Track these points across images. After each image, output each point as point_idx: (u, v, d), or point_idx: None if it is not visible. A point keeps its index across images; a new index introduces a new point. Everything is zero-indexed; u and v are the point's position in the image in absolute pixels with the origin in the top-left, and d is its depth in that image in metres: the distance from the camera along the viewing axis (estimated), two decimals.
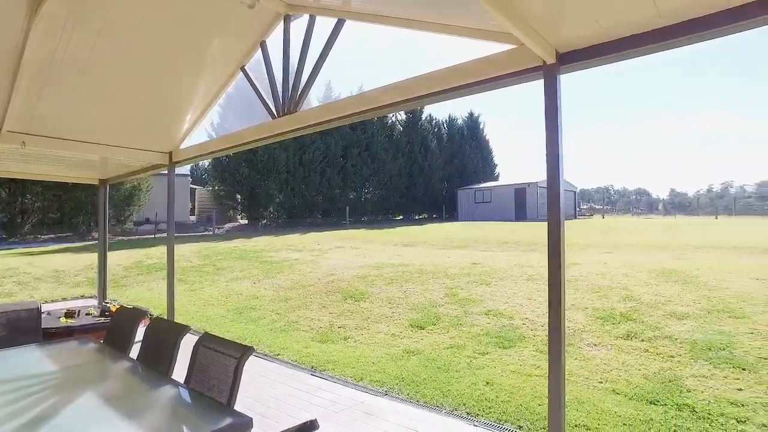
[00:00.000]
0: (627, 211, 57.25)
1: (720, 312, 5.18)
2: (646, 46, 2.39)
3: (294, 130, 4.33)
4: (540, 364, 4.44)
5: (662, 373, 4.05)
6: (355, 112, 3.70)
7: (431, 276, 8.34)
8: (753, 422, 3.25)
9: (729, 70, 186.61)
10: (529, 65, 2.72)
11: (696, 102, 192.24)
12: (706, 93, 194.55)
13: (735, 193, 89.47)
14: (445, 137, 40.74)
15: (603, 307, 5.75)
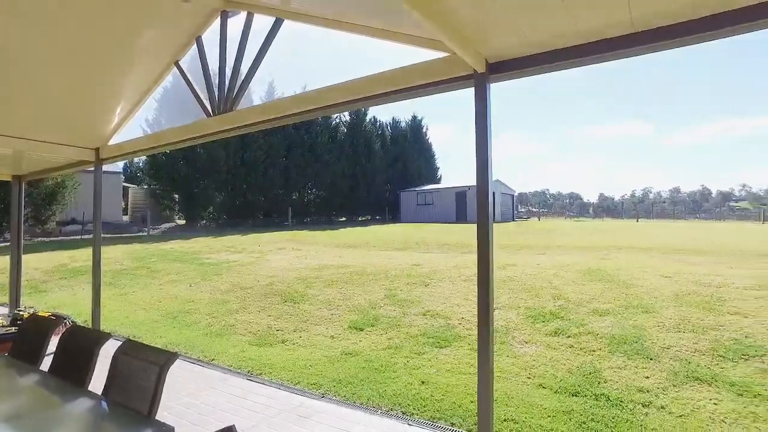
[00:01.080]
0: (561, 214, 60.29)
1: (635, 308, 5.60)
2: (568, 61, 2.55)
3: (229, 130, 4.22)
4: (474, 362, 4.59)
5: (584, 366, 4.32)
6: (292, 113, 3.67)
7: (372, 278, 8.40)
8: (654, 405, 3.56)
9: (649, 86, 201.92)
10: (461, 73, 2.82)
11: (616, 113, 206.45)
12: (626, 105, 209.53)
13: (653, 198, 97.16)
14: (389, 139, 41.16)
15: (534, 306, 6.04)
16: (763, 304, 5.45)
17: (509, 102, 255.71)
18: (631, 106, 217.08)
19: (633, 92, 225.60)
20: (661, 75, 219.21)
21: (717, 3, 2.06)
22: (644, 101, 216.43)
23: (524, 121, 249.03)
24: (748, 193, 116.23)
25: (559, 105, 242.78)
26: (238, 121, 4.02)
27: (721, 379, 3.90)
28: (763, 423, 3.30)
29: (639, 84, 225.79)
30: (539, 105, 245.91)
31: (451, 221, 28.84)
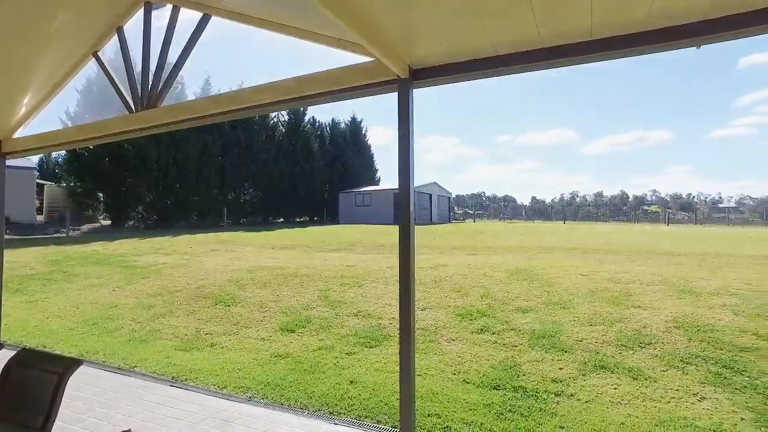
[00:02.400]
0: (496, 216, 62.74)
1: (555, 305, 5.97)
2: (485, 71, 2.70)
3: (152, 127, 4.05)
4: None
5: (506, 361, 4.56)
6: (217, 113, 3.59)
7: (305, 279, 8.34)
8: (565, 393, 3.84)
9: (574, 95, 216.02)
10: (385, 78, 2.89)
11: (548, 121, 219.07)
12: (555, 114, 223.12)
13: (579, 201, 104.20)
14: (328, 140, 40.99)
15: (463, 305, 6.28)
16: (660, 297, 6.01)
17: (448, 106, 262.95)
18: (560, 115, 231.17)
19: (561, 101, 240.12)
20: (586, 86, 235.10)
21: (611, 28, 2.27)
22: (571, 110, 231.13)
23: (462, 126, 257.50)
24: (658, 198, 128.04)
25: (495, 111, 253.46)
26: (162, 118, 3.87)
27: (622, 366, 4.27)
28: (650, 401, 3.66)
29: (566, 93, 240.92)
30: (477, 111, 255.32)
31: (389, 222, 29.17)
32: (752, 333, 4.86)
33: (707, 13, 2.10)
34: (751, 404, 3.62)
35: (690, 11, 2.12)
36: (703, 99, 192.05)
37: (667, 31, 2.23)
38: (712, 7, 2.07)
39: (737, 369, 4.17)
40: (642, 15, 2.18)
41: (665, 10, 2.12)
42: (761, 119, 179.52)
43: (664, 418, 3.45)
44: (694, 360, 4.37)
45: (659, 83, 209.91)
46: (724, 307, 5.66)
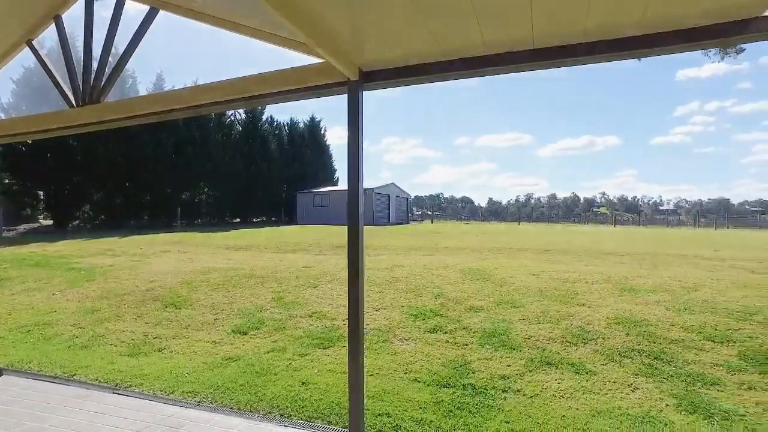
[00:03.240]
0: (454, 217, 63.85)
1: (505, 303, 6.16)
2: (434, 75, 2.76)
3: (95, 123, 3.88)
4: None
5: (456, 359, 4.66)
6: (168, 110, 3.49)
7: (260, 280, 8.20)
8: (512, 390, 3.98)
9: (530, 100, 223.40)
10: (335, 80, 2.91)
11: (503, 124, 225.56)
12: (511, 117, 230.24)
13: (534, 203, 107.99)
14: (286, 140, 40.46)
15: (417, 304, 6.36)
16: (603, 295, 6.33)
17: (407, 107, 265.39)
18: (517, 119, 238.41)
19: (519, 106, 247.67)
20: (541, 91, 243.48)
21: (551, 39, 2.38)
22: (527, 114, 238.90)
23: (421, 127, 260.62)
24: (606, 200, 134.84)
25: (454, 113, 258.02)
26: (106, 114, 3.72)
27: (566, 361, 4.46)
28: (589, 394, 3.85)
29: (523, 98, 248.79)
30: (436, 113, 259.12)
31: (347, 223, 29.13)
32: (680, 326, 5.20)
33: (642, 29, 2.24)
34: (675, 392, 3.88)
35: (624, 28, 2.25)
36: (647, 107, 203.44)
37: (604, 43, 2.36)
38: (641, 26, 2.21)
39: (666, 360, 4.45)
40: (580, 29, 2.30)
41: (601, 26, 2.25)
42: (696, 129, 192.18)
43: (602, 408, 3.63)
44: (630, 353, 4.63)
45: (608, 90, 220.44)
46: (658, 303, 6.02)
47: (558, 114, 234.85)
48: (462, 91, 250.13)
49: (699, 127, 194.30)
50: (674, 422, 3.43)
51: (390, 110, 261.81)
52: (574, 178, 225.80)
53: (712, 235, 26.19)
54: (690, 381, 4.09)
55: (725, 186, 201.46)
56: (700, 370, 4.32)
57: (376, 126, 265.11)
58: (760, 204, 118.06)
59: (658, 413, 3.55)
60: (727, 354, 4.65)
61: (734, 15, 2.12)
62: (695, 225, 48.03)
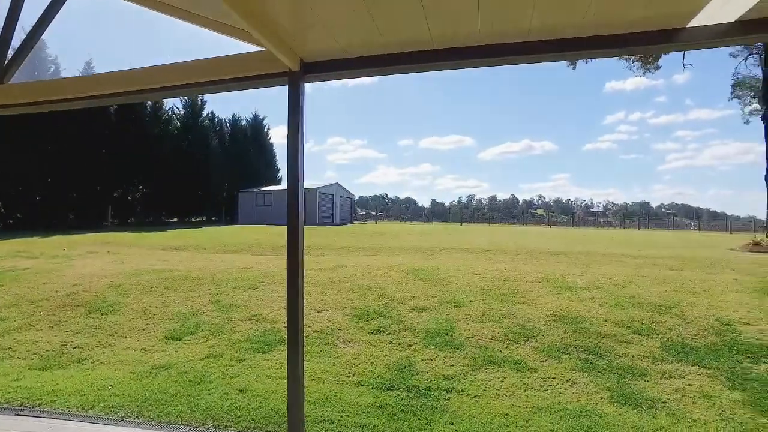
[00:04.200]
0: (398, 217, 64.43)
1: (449, 303, 6.19)
2: (378, 68, 2.67)
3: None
4: None
5: (400, 361, 4.60)
6: (82, 97, 3.15)
7: (197, 282, 7.78)
8: (456, 390, 3.98)
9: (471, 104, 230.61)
10: (275, 70, 2.74)
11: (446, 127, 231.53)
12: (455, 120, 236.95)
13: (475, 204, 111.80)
14: (228, 137, 39.11)
15: (360, 305, 6.26)
16: (542, 293, 6.53)
17: (353, 107, 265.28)
18: (460, 122, 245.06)
19: (462, 110, 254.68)
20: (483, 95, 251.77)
21: (498, 36, 2.36)
22: (470, 118, 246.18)
23: (366, 128, 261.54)
24: (543, 202, 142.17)
25: (399, 114, 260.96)
26: (11, 97, 3.32)
27: (508, 359, 4.53)
28: (531, 390, 3.92)
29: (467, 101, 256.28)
30: (381, 114, 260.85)
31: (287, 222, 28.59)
32: (612, 321, 5.46)
33: (580, 31, 2.26)
34: (608, 384, 4.04)
35: (566, 29, 2.27)
36: (579, 116, 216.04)
37: (546, 43, 2.37)
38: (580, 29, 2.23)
39: (600, 354, 4.64)
40: (525, 27, 2.29)
41: (546, 25, 2.25)
42: (621, 137, 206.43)
43: (543, 405, 3.70)
44: (568, 349, 4.78)
45: (546, 99, 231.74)
46: (592, 299, 6.30)
47: (499, 119, 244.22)
48: (408, 92, 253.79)
49: (624, 135, 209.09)
50: (608, 414, 3.55)
51: (335, 110, 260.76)
52: (513, 181, 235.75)
53: (635, 235, 28.12)
54: (621, 373, 4.28)
55: (646, 190, 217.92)
56: (629, 362, 4.53)
57: (321, 125, 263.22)
58: (673, 207, 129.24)
59: (594, 406, 3.67)
60: (651, 346, 4.92)
61: (662, 24, 2.19)
62: (621, 226, 51.50)
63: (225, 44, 2.87)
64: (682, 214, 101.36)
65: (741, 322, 5.58)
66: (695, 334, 5.24)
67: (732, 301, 6.45)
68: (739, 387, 4.06)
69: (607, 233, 31.84)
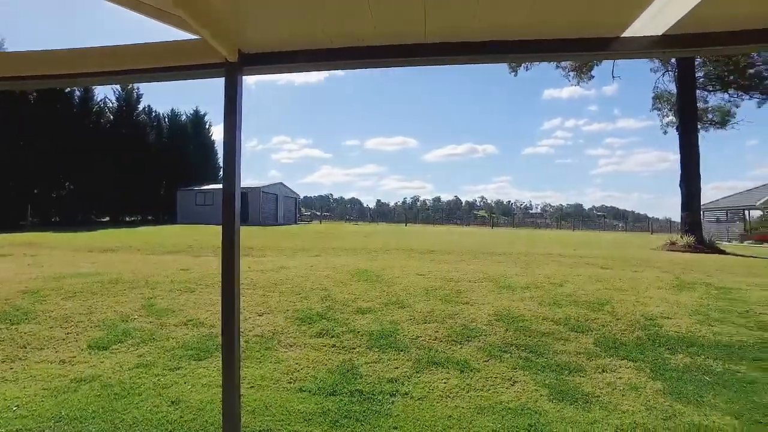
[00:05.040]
0: (343, 218, 64.14)
1: (393, 304, 6.17)
2: (321, 62, 2.56)
3: None
4: None
5: (343, 364, 4.50)
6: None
7: (128, 286, 7.28)
8: (400, 393, 3.93)
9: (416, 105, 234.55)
10: (211, 60, 2.56)
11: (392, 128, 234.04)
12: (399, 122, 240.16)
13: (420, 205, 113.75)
14: (167, 132, 37.24)
15: (303, 308, 6.09)
16: (484, 293, 6.66)
17: (299, 106, 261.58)
18: (404, 123, 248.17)
19: (406, 111, 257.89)
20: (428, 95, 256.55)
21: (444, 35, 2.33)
22: (414, 119, 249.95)
23: (312, 128, 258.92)
24: (485, 204, 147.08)
25: (345, 114, 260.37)
26: None
27: (452, 360, 4.56)
28: (473, 391, 3.95)
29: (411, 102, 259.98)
30: (327, 113, 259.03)
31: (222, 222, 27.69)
32: (550, 320, 5.66)
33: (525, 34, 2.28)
34: (548, 382, 4.16)
35: (511, 30, 2.27)
36: (519, 121, 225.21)
37: (492, 43, 2.37)
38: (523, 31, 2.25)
39: (539, 352, 4.78)
40: (468, 27, 2.27)
41: (488, 27, 2.24)
42: (558, 142, 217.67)
43: (485, 405, 3.74)
44: (509, 348, 4.88)
45: (489, 103, 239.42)
46: (532, 298, 6.50)
47: (444, 121, 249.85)
48: (355, 92, 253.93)
49: (560, 140, 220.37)
50: (547, 411, 3.64)
51: (281, 108, 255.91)
52: (456, 182, 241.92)
53: (571, 236, 29.64)
54: (559, 370, 4.42)
55: (580, 193, 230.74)
56: (566, 359, 4.69)
57: (266, 124, 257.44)
58: (603, 209, 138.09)
59: (534, 404, 3.75)
60: (586, 342, 5.14)
61: (599, 32, 2.25)
62: (557, 227, 54.15)
63: (155, 30, 2.66)
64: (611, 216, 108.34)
65: (662, 316, 5.97)
66: (624, 329, 5.53)
67: (655, 297, 6.89)
68: (660, 377, 4.32)
69: (544, 234, 33.33)
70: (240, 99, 2.60)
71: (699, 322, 5.81)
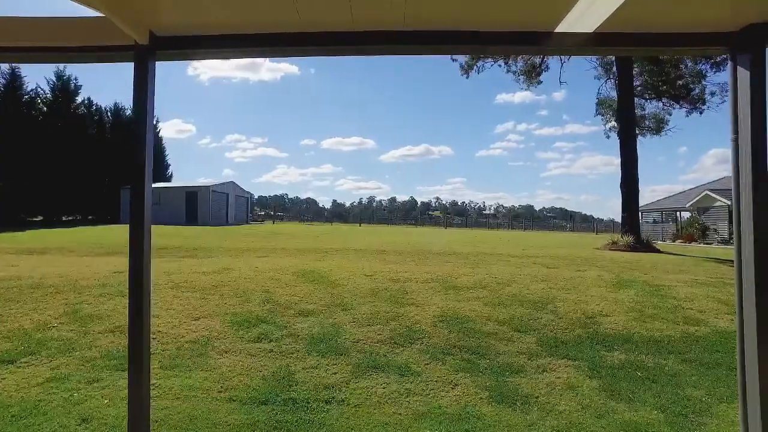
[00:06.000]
0: (298, 218, 63.17)
1: (337, 306, 5.99)
2: (243, 49, 2.36)
3: None
4: (161, 382, 4.02)
5: (279, 371, 4.29)
6: None
7: (51, 291, 6.71)
8: (336, 400, 3.77)
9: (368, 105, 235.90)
10: (118, 42, 2.30)
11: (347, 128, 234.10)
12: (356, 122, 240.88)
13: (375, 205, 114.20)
14: (109, 127, 35.30)
15: (242, 311, 5.81)
16: (431, 294, 6.61)
17: (251, 104, 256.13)
18: (362, 123, 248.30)
19: (364, 113, 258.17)
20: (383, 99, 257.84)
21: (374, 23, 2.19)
22: (371, 120, 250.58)
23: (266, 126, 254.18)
24: (440, 205, 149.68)
25: (300, 114, 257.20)
26: None
27: (392, 364, 4.44)
28: (413, 396, 3.85)
29: (368, 103, 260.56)
30: (282, 112, 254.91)
31: (181, 223, 26.57)
32: (494, 320, 5.66)
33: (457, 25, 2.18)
34: (488, 384, 4.12)
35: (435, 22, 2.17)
36: (474, 123, 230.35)
37: (417, 34, 2.25)
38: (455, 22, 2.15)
39: (482, 354, 4.75)
40: (400, 16, 2.15)
41: (417, 15, 2.12)
42: (510, 145, 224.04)
43: (423, 410, 3.64)
44: (452, 350, 4.82)
45: (444, 104, 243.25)
46: (477, 299, 6.51)
47: (401, 122, 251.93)
48: (311, 91, 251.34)
49: (513, 143, 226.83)
50: (486, 415, 3.59)
51: (234, 106, 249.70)
52: (412, 184, 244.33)
53: (521, 236, 30.47)
54: (500, 372, 4.39)
55: (531, 195, 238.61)
56: (508, 360, 4.68)
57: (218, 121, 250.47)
58: (553, 210, 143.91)
59: (474, 408, 3.68)
60: (528, 342, 5.17)
61: (531, 26, 2.19)
62: (509, 227, 55.68)
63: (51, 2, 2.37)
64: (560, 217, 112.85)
65: (601, 314, 6.12)
66: (565, 328, 5.62)
67: (595, 295, 7.08)
68: (597, 375, 4.39)
69: (496, 234, 34.12)
70: (152, 87, 2.35)
71: (634, 318, 5.99)
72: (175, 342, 4.93)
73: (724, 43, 2.18)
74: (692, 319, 6.08)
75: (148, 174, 2.34)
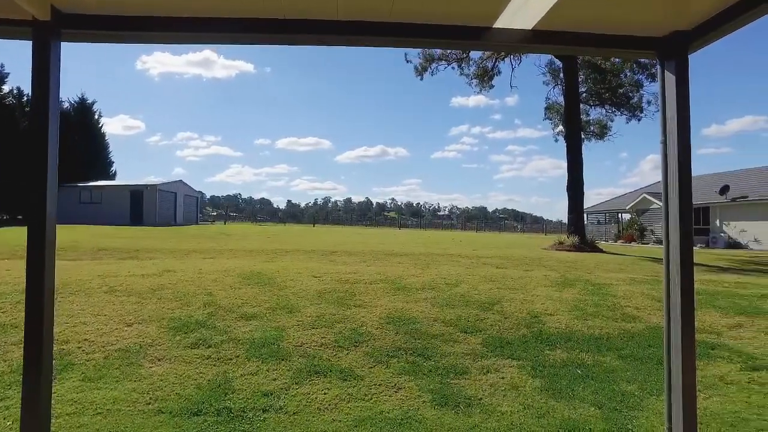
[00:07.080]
0: (252, 218, 61.72)
1: (282, 309, 5.79)
2: (172, 32, 2.17)
3: None
4: (80, 396, 3.70)
5: (216, 378, 4.06)
6: None
7: None
8: (274, 408, 3.60)
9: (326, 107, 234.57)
10: (11, 16, 2.04)
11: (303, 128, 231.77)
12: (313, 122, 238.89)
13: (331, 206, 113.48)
14: None
15: (181, 315, 5.50)
16: (379, 295, 6.53)
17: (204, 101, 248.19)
18: (318, 124, 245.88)
19: (320, 114, 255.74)
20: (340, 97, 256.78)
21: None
22: (327, 120, 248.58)
23: (220, 125, 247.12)
24: (396, 205, 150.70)
25: (254, 112, 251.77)
26: None
27: (335, 368, 4.31)
28: (354, 401, 3.75)
29: (323, 103, 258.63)
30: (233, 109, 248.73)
31: (125, 223, 25.25)
32: (441, 321, 5.65)
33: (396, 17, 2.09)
34: (432, 386, 4.07)
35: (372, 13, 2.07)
36: (429, 126, 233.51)
37: (357, 24, 2.15)
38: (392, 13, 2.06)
39: (427, 356, 4.70)
40: (333, 8, 2.03)
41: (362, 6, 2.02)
42: (464, 147, 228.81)
43: (365, 416, 3.53)
44: (397, 353, 4.75)
45: (400, 106, 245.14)
46: (426, 300, 6.48)
47: (357, 123, 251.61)
48: (266, 89, 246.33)
49: (467, 146, 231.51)
50: (428, 419, 3.52)
51: (186, 102, 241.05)
52: (368, 185, 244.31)
53: (474, 236, 31.09)
54: (444, 373, 4.36)
55: (484, 196, 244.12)
56: (453, 361, 4.66)
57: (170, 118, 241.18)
58: (505, 212, 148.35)
59: (416, 412, 3.61)
60: (474, 343, 5.17)
61: (470, 21, 2.15)
62: (463, 228, 56.74)
63: None
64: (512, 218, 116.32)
65: (546, 313, 6.24)
66: (511, 327, 5.68)
67: (541, 295, 7.23)
68: (539, 375, 4.44)
69: (450, 234, 34.63)
70: (56, 71, 2.10)
71: (576, 317, 6.15)
72: (103, 351, 4.58)
73: (654, 47, 2.22)
74: (629, 316, 6.31)
75: (51, 169, 2.10)
